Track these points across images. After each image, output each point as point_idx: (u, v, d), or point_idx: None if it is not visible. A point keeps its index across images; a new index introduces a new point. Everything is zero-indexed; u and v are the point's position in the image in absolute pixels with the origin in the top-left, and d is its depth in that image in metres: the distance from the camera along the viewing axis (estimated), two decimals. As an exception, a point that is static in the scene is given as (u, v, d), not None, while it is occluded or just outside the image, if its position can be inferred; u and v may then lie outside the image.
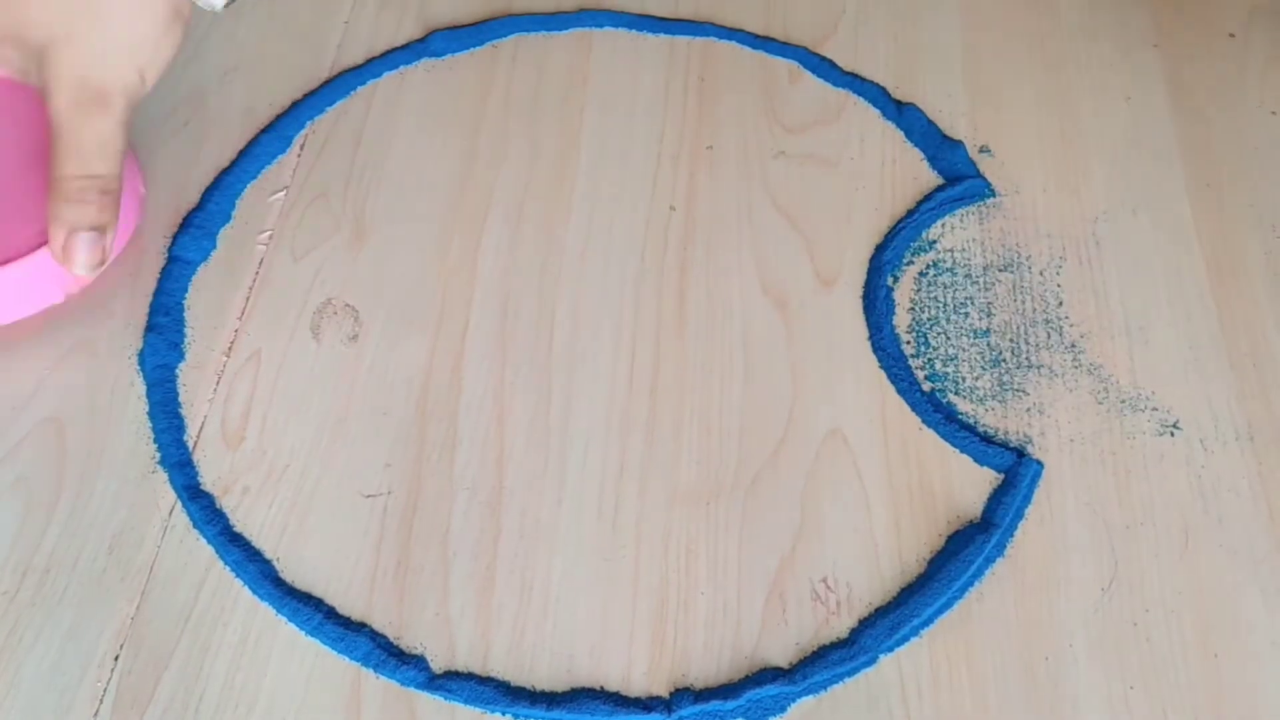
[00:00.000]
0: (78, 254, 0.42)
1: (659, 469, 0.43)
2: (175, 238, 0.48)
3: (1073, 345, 0.46)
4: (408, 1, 0.57)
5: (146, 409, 0.43)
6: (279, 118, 0.52)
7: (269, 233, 0.48)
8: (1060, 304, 0.47)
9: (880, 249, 0.48)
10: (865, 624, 0.39)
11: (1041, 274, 0.48)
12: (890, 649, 0.39)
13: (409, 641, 0.39)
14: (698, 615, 0.40)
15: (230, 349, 0.45)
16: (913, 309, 0.47)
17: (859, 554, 0.41)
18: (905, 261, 0.48)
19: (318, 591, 0.40)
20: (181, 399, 0.44)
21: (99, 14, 0.39)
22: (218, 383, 0.44)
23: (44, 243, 0.42)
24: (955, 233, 0.49)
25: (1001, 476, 0.43)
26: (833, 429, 0.44)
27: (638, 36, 0.56)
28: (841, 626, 0.39)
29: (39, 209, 0.43)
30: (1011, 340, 0.46)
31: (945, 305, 0.47)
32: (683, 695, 0.38)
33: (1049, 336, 0.46)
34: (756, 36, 0.56)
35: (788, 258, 0.48)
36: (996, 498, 0.42)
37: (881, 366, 0.45)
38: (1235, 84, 0.54)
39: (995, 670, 0.38)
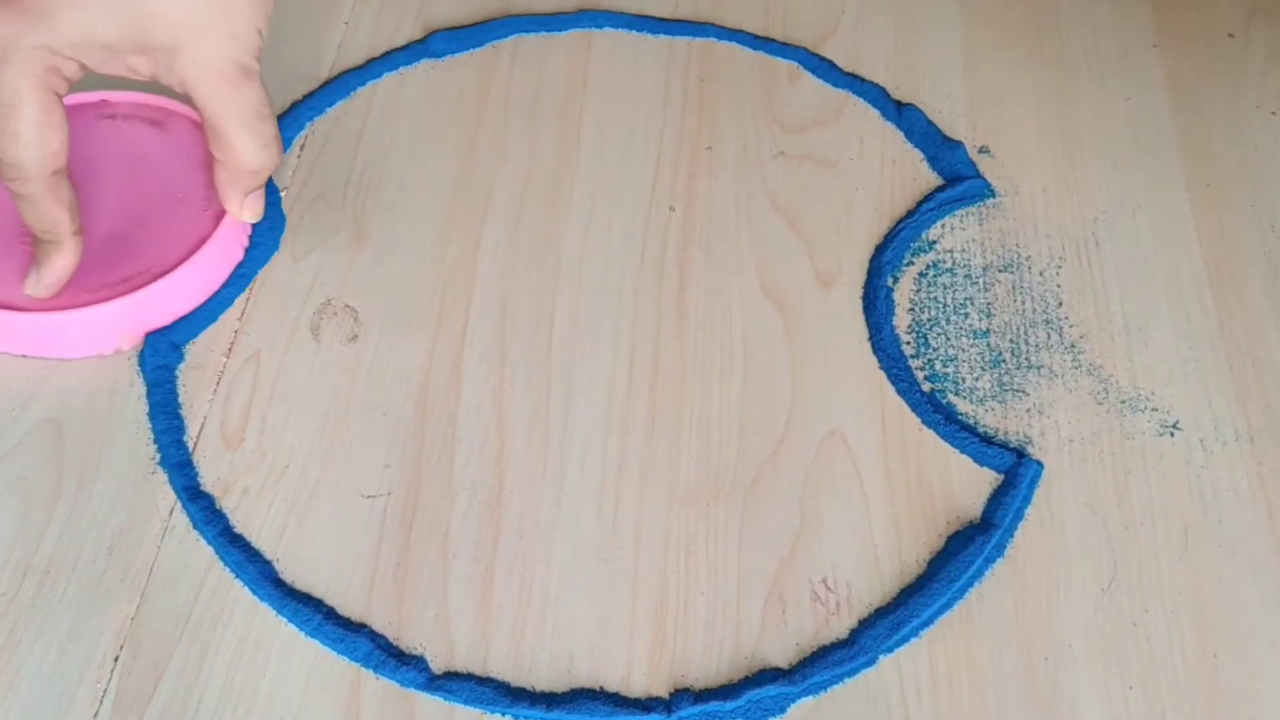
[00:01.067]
0: (254, 206, 0.46)
1: (659, 469, 0.43)
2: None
3: (1072, 346, 0.46)
4: (408, 2, 0.57)
5: (146, 409, 0.43)
6: (279, 118, 0.52)
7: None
8: (1060, 304, 0.47)
9: (880, 249, 0.48)
10: (865, 624, 0.39)
11: (1041, 274, 0.48)
12: (890, 649, 0.39)
13: (408, 642, 0.39)
14: (697, 615, 0.40)
15: (230, 349, 0.45)
16: (912, 309, 0.47)
17: (859, 554, 0.41)
18: (905, 262, 0.48)
19: (317, 592, 0.40)
20: (181, 399, 0.44)
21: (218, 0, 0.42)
22: (217, 383, 0.44)
23: (216, 214, 0.46)
24: (955, 233, 0.49)
25: (1001, 477, 0.43)
26: (832, 429, 0.44)
27: (638, 37, 0.56)
28: (841, 627, 0.39)
29: (170, 195, 0.47)
30: (1011, 341, 0.46)
31: (945, 306, 0.47)
32: (682, 696, 0.38)
33: (1049, 337, 0.46)
34: (756, 37, 0.56)
35: (788, 258, 0.48)
36: (996, 498, 0.42)
37: (881, 367, 0.45)
38: (1235, 84, 0.54)
39: (995, 670, 0.38)
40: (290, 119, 0.52)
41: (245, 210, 0.45)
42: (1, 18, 0.39)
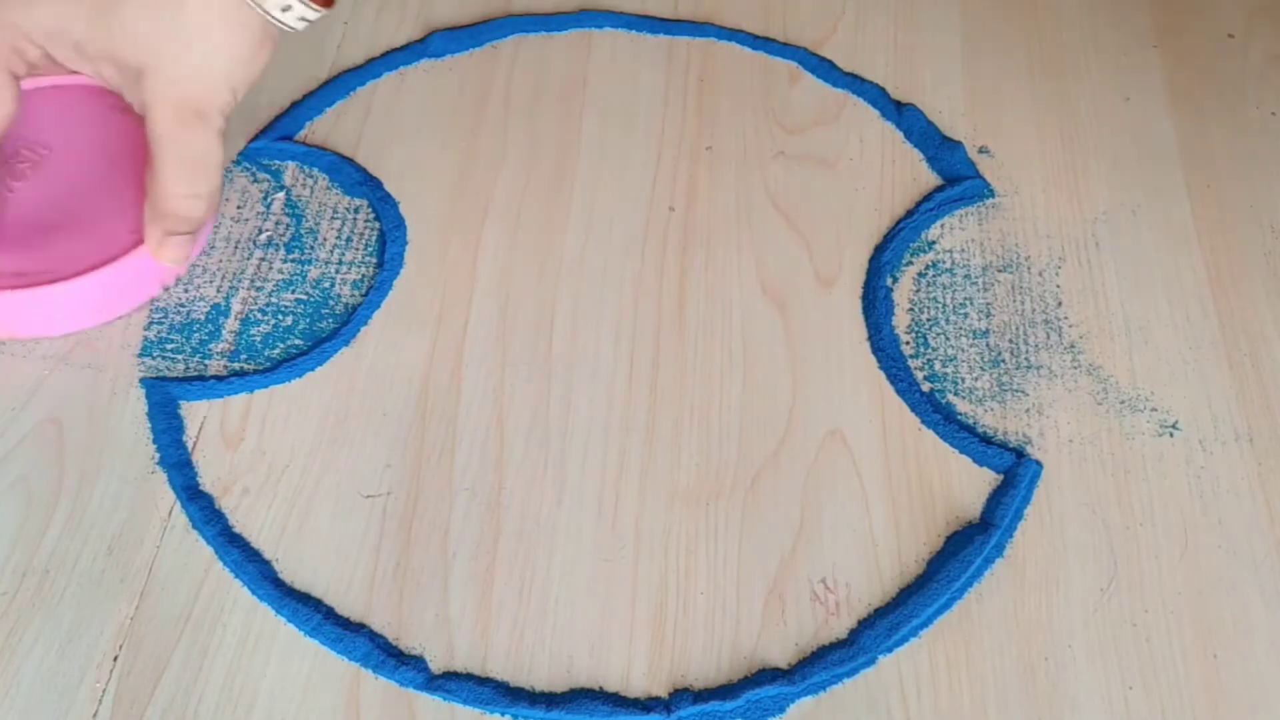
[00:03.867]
0: (174, 251, 0.44)
1: (659, 469, 0.43)
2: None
3: (1072, 346, 0.46)
4: (408, 2, 0.57)
5: (146, 409, 0.43)
6: (279, 118, 0.52)
7: (268, 233, 0.48)
8: (1059, 304, 0.47)
9: (880, 249, 0.48)
10: (865, 624, 0.39)
11: (1041, 274, 0.48)
12: (890, 649, 0.39)
13: (408, 642, 0.39)
14: (697, 615, 0.40)
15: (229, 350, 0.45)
16: (912, 309, 0.47)
17: (858, 554, 0.41)
18: (905, 262, 0.48)
19: (317, 592, 0.40)
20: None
21: (195, 35, 0.41)
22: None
23: (138, 241, 0.44)
24: (954, 233, 0.49)
25: (1001, 477, 0.43)
26: (832, 429, 0.44)
27: (637, 37, 0.56)
28: (841, 627, 0.39)
29: (125, 206, 0.45)
30: (1011, 341, 0.46)
31: (945, 306, 0.47)
32: (682, 696, 0.38)
33: (1048, 337, 0.46)
34: (756, 37, 0.56)
35: (787, 258, 0.48)
36: (996, 498, 0.42)
37: (881, 367, 0.45)
38: (1235, 84, 0.54)
39: (994, 670, 0.38)
40: (290, 119, 0.52)
41: (164, 250, 0.44)
42: None
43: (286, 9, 0.41)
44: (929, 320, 0.47)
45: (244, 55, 0.41)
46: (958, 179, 0.50)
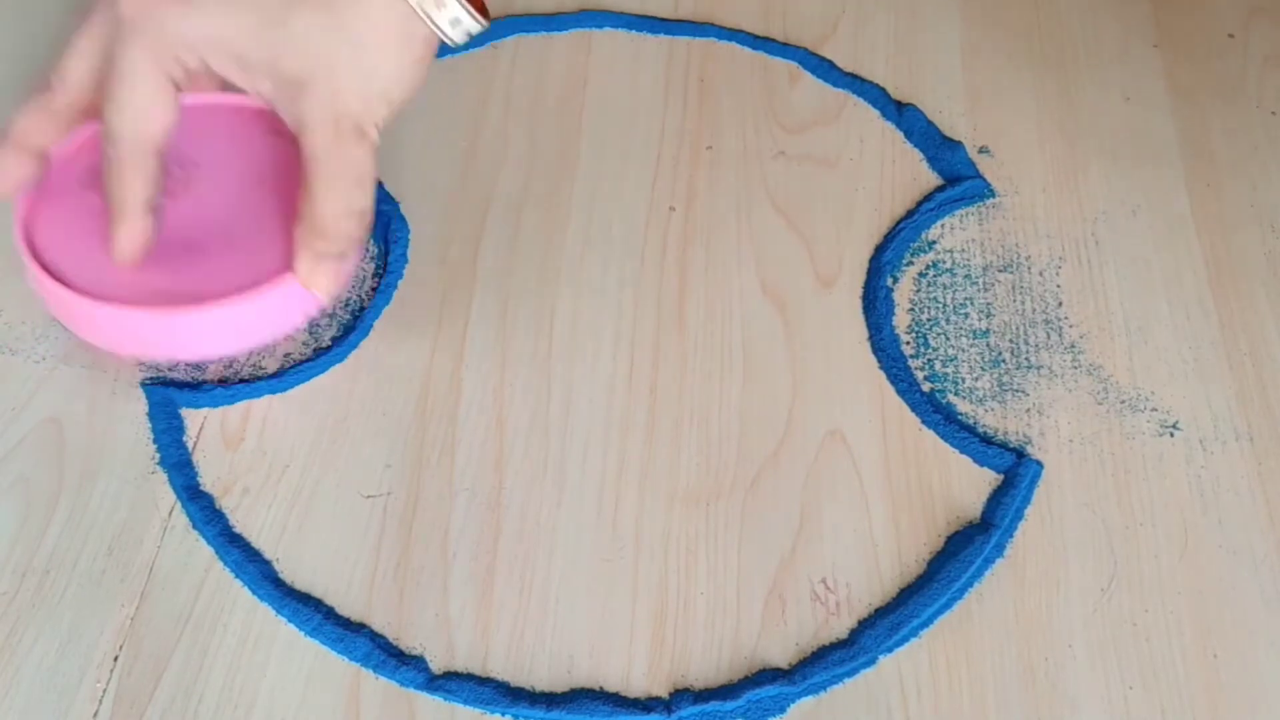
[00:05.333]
0: (324, 281, 0.42)
1: (659, 469, 0.43)
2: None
3: (1072, 346, 0.46)
4: (407, 2, 0.57)
5: (146, 409, 0.43)
6: (279, 118, 0.52)
7: (269, 233, 0.49)
8: (1060, 304, 0.47)
9: (880, 249, 0.48)
10: (865, 624, 0.39)
11: (1041, 274, 0.48)
12: (890, 649, 0.39)
13: (408, 642, 0.39)
14: (697, 616, 0.40)
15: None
16: (912, 309, 0.47)
17: (859, 554, 0.41)
18: (905, 262, 0.48)
19: (317, 592, 0.40)
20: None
21: (365, 47, 0.40)
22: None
23: (285, 269, 0.42)
24: (955, 233, 0.49)
25: (1001, 477, 0.43)
26: (832, 430, 0.44)
27: (638, 37, 0.56)
28: (841, 627, 0.39)
29: (273, 233, 0.43)
30: (1011, 341, 0.46)
31: (945, 306, 0.47)
32: (682, 696, 0.38)
33: (1048, 337, 0.46)
34: (756, 37, 0.56)
35: (788, 258, 0.48)
36: (996, 498, 0.42)
37: (881, 367, 0.45)
38: (1235, 84, 0.54)
39: (995, 671, 0.38)
40: (290, 119, 0.52)
41: (315, 277, 0.42)
42: None
43: (456, 23, 0.40)
44: (929, 320, 0.47)
45: (407, 69, 0.41)
46: (958, 179, 0.50)
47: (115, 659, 0.38)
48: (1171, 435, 0.44)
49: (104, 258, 0.42)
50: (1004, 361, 0.46)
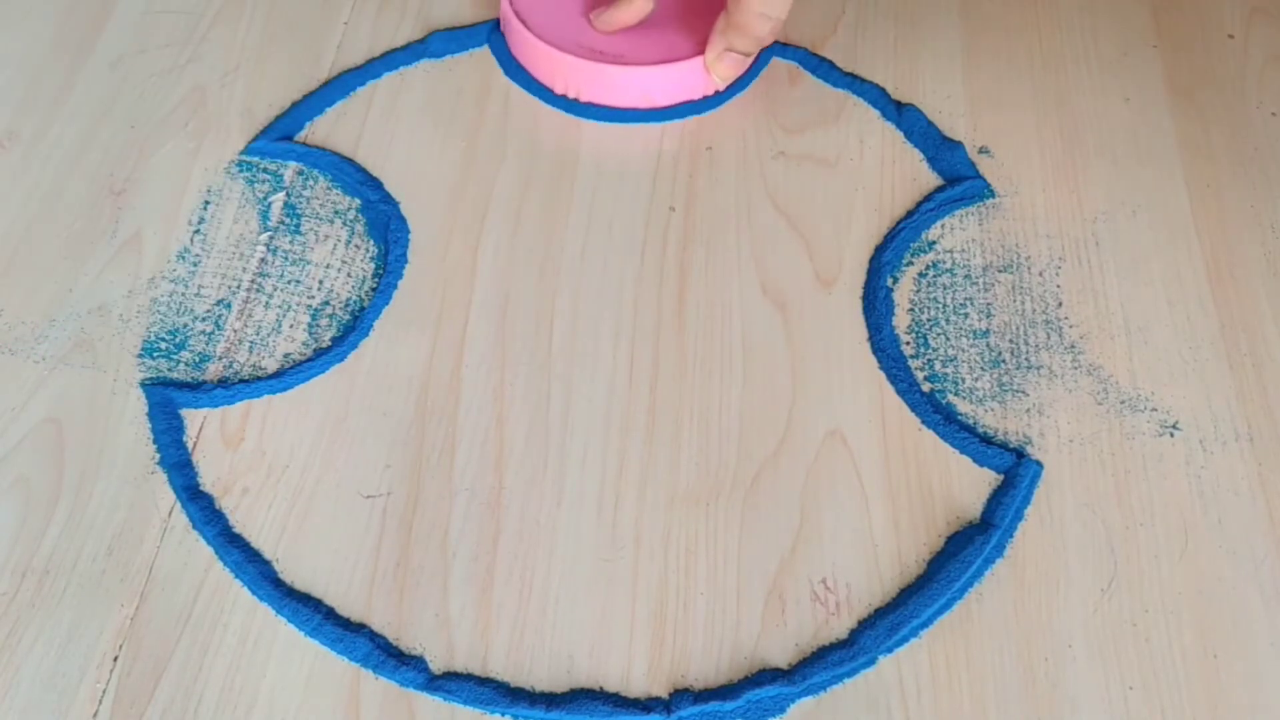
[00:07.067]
0: (727, 68, 0.52)
1: (659, 469, 0.43)
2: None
3: (1072, 346, 0.46)
4: (408, 2, 0.57)
5: (146, 409, 0.43)
6: (279, 118, 0.52)
7: (268, 234, 0.49)
8: (1060, 304, 0.47)
9: (880, 250, 0.48)
10: (865, 625, 0.39)
11: (1041, 274, 0.48)
12: (890, 650, 0.39)
13: (408, 642, 0.39)
14: (697, 616, 0.40)
15: (229, 349, 0.45)
16: (912, 310, 0.47)
17: (859, 555, 0.41)
18: (905, 262, 0.48)
19: (317, 592, 0.40)
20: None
21: None
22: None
23: (699, 51, 0.52)
24: (955, 233, 0.49)
25: (1001, 477, 0.43)
26: (832, 430, 0.44)
27: (637, 37, 0.56)
28: (841, 627, 0.39)
29: (696, 19, 0.53)
30: (1011, 341, 0.46)
31: (945, 306, 0.47)
32: (682, 696, 0.38)
33: (1048, 337, 0.46)
34: (756, 37, 0.56)
35: (787, 258, 0.48)
36: (996, 498, 0.42)
37: (881, 367, 0.45)
38: (1235, 84, 0.54)
39: (995, 671, 0.38)
40: (290, 119, 0.52)
41: (720, 64, 0.51)
42: None
43: None
44: (929, 320, 0.47)
45: None
46: (958, 179, 0.50)
47: (115, 659, 0.38)
48: (1171, 435, 0.44)
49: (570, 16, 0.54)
50: (1004, 362, 0.45)
